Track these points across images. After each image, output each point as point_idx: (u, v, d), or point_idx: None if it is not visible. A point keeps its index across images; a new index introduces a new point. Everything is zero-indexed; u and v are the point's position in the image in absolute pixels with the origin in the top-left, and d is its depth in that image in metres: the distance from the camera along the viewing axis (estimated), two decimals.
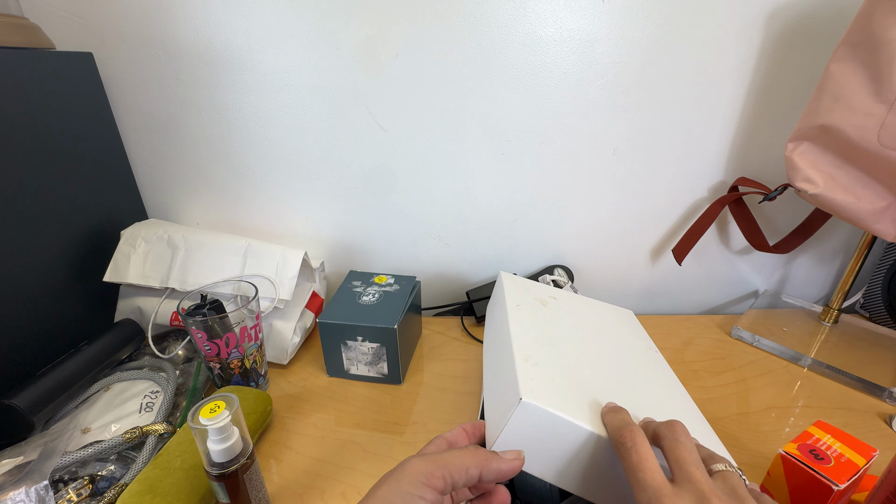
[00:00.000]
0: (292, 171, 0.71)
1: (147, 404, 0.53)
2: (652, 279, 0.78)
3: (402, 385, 0.60)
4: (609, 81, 0.63)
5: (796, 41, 0.60)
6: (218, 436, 0.36)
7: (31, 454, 0.44)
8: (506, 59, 0.62)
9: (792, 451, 0.33)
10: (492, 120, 0.66)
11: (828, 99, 0.52)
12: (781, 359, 0.65)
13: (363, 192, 0.72)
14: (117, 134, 0.68)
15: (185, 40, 0.63)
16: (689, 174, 0.70)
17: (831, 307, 0.69)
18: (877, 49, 0.47)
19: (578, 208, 0.72)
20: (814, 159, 0.56)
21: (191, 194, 0.74)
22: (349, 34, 0.61)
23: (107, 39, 0.63)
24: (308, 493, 0.45)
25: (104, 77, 0.65)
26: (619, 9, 0.59)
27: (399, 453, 0.50)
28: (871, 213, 0.53)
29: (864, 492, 0.38)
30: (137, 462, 0.45)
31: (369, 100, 0.65)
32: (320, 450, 0.50)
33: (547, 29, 0.60)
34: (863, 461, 0.33)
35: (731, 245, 0.75)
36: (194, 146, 0.70)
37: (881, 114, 0.48)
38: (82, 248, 0.61)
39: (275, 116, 0.67)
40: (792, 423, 0.54)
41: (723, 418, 0.54)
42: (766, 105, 0.64)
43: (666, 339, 0.70)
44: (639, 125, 0.66)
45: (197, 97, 0.67)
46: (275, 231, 0.76)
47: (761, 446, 0.50)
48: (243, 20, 0.61)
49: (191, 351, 0.62)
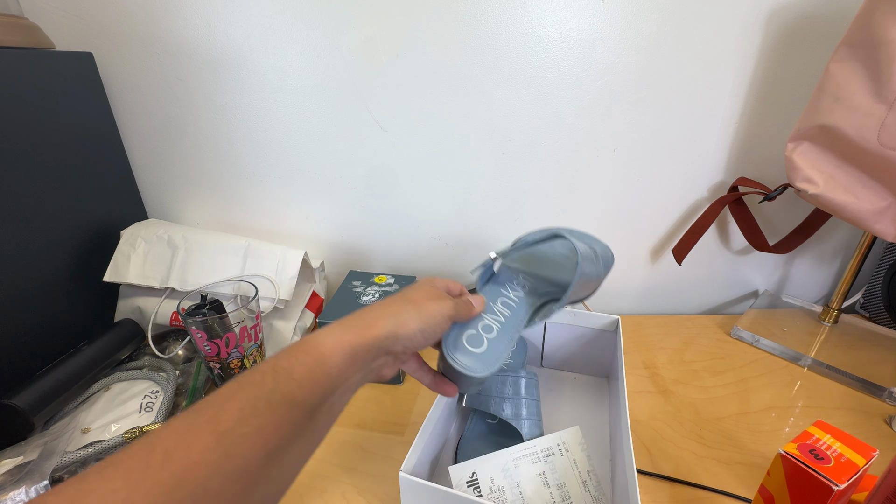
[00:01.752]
0: (292, 171, 0.71)
1: (147, 404, 0.53)
2: (652, 279, 0.78)
3: (403, 385, 0.60)
4: (609, 81, 0.63)
5: (796, 41, 0.60)
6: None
7: (31, 454, 0.44)
8: (506, 59, 0.62)
9: (792, 451, 0.33)
10: (492, 120, 0.66)
11: (828, 99, 0.52)
12: (781, 359, 0.65)
13: (363, 192, 0.72)
14: (117, 134, 0.68)
15: (185, 40, 0.63)
16: (689, 174, 0.70)
17: (831, 307, 0.69)
18: (877, 49, 0.47)
19: (578, 208, 0.72)
20: (814, 159, 0.56)
21: (191, 194, 0.74)
22: (349, 34, 0.61)
23: (107, 39, 0.63)
24: (308, 493, 0.45)
25: (104, 77, 0.65)
26: (620, 9, 0.59)
27: (399, 453, 0.50)
28: (871, 213, 0.53)
29: (864, 492, 0.38)
30: None
31: (369, 100, 0.65)
32: (320, 450, 0.50)
33: (547, 29, 0.60)
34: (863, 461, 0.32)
35: (731, 245, 0.75)
36: (194, 146, 0.70)
37: (881, 114, 0.48)
38: (82, 248, 0.61)
39: (275, 116, 0.67)
40: (792, 423, 0.54)
41: (723, 418, 0.54)
42: (766, 105, 0.64)
43: (666, 339, 0.70)
44: (639, 125, 0.66)
45: (197, 97, 0.67)
46: (275, 231, 0.76)
47: (761, 446, 0.50)
48: (243, 20, 0.61)
49: (191, 351, 0.62)
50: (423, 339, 0.34)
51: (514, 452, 0.45)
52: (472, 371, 0.37)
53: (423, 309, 0.34)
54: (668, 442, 0.51)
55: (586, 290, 0.47)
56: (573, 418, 0.54)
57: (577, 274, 0.41)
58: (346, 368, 0.29)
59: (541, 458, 0.45)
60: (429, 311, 0.35)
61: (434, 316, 0.35)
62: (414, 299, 0.35)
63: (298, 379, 0.26)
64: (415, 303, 0.35)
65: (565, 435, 0.46)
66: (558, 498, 0.42)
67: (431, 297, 0.36)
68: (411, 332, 0.33)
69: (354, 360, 0.29)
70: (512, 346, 0.41)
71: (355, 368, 0.30)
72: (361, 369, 0.31)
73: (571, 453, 0.45)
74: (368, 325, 0.31)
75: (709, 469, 0.48)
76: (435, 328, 0.35)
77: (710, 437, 0.52)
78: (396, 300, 0.35)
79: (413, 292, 0.37)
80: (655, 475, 0.47)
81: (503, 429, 0.50)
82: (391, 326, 0.32)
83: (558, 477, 0.43)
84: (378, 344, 0.31)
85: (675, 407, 0.56)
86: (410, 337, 0.33)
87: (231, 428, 0.22)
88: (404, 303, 0.34)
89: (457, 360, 0.38)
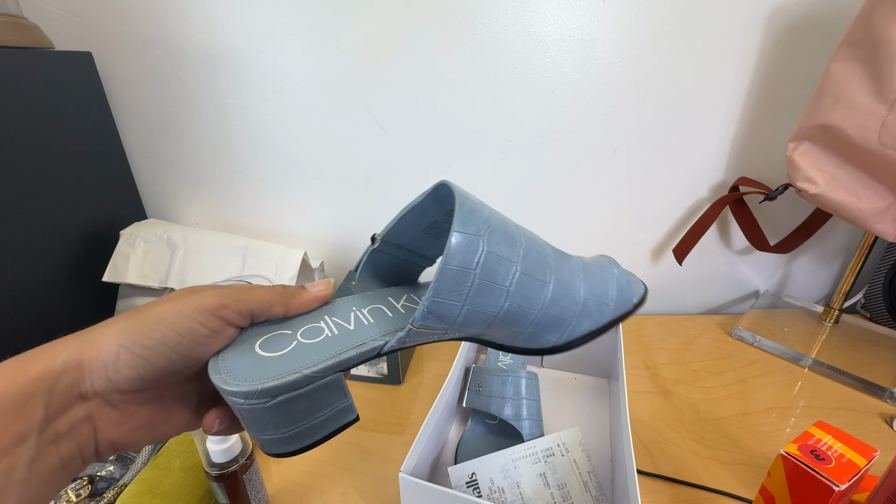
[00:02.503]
0: (292, 171, 0.71)
1: None
2: (652, 279, 0.78)
3: (402, 385, 0.60)
4: (609, 81, 0.63)
5: (797, 41, 0.60)
6: (217, 436, 0.36)
7: None
8: (506, 59, 0.62)
9: (793, 452, 0.33)
10: (492, 119, 0.66)
11: (828, 99, 0.52)
12: (782, 359, 0.65)
13: (363, 191, 0.72)
14: (116, 133, 0.68)
15: (185, 40, 0.63)
16: (690, 174, 0.69)
17: (832, 307, 0.69)
18: (877, 49, 0.47)
19: (578, 208, 0.72)
20: (814, 159, 0.56)
21: (190, 194, 0.74)
22: (349, 33, 0.61)
23: (106, 39, 0.63)
24: (308, 494, 0.45)
25: (103, 77, 0.65)
26: (620, 8, 0.59)
27: (399, 454, 0.50)
28: (872, 213, 0.53)
29: (865, 492, 0.38)
30: (137, 462, 0.45)
31: (369, 99, 0.65)
32: (320, 450, 0.50)
33: (547, 28, 0.60)
34: (863, 462, 0.32)
35: (731, 245, 0.75)
36: (193, 146, 0.70)
37: (882, 114, 0.48)
38: (81, 248, 0.61)
39: (274, 116, 0.67)
40: (793, 424, 0.54)
41: (723, 418, 0.54)
42: (767, 105, 0.64)
43: (666, 339, 0.70)
44: (639, 125, 0.66)
45: (196, 97, 0.66)
46: (274, 231, 0.76)
47: (762, 447, 0.50)
48: (243, 19, 0.61)
49: None
50: (146, 361, 0.21)
51: (514, 453, 0.44)
52: (227, 383, 0.21)
53: (159, 308, 0.21)
54: (669, 442, 0.51)
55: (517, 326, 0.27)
56: (573, 419, 0.54)
57: (448, 253, 0.23)
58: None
59: (541, 459, 0.44)
60: (165, 310, 0.21)
61: (178, 314, 0.21)
62: (174, 296, 0.22)
63: None
64: (167, 300, 0.22)
65: (565, 435, 0.46)
66: (559, 498, 0.42)
67: (202, 289, 0.23)
68: (107, 353, 0.20)
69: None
70: (328, 372, 0.23)
71: (9, 434, 0.18)
72: (19, 435, 0.18)
73: (572, 454, 0.45)
74: (32, 358, 0.20)
75: (709, 469, 0.48)
76: (174, 334, 0.21)
77: (711, 437, 0.52)
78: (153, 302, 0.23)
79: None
80: (656, 475, 0.47)
81: (503, 429, 0.50)
82: (71, 351, 0.20)
83: (559, 477, 0.43)
84: (42, 388, 0.19)
85: (675, 407, 0.56)
86: (108, 362, 0.20)
87: None
88: (149, 305, 0.22)
89: (219, 360, 0.22)
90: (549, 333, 0.29)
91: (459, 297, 0.24)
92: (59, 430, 0.19)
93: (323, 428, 0.25)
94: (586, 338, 0.30)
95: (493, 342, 0.29)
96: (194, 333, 0.21)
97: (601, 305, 0.30)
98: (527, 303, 0.26)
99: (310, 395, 0.23)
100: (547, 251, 0.29)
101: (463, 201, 0.25)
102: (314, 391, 0.23)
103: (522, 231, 0.28)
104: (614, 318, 0.30)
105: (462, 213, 0.25)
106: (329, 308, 0.29)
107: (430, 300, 0.24)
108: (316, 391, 0.23)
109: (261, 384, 0.21)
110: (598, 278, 0.31)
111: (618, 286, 0.31)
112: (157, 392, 0.23)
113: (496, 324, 0.26)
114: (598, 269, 0.32)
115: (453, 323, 0.25)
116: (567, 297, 0.28)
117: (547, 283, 0.27)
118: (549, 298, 0.27)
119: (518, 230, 0.28)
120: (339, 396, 0.25)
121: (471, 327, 0.26)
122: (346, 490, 0.46)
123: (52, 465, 0.19)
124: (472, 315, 0.25)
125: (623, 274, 0.32)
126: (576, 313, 0.29)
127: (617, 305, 0.30)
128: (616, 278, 0.31)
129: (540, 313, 0.27)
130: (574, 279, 0.29)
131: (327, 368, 0.23)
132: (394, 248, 0.33)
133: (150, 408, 0.23)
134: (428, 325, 0.25)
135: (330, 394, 0.24)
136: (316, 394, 0.23)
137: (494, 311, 0.26)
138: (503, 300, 0.26)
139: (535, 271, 0.27)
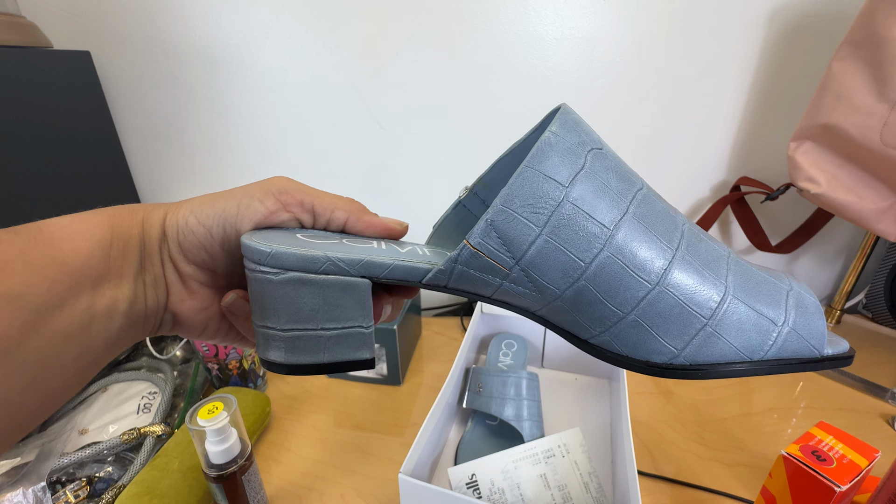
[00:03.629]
0: (292, 171, 0.71)
1: (145, 405, 0.53)
2: None
3: (402, 386, 0.60)
4: (610, 80, 0.63)
5: (798, 40, 0.59)
6: (216, 437, 0.36)
7: (29, 455, 0.43)
8: (506, 58, 0.62)
9: (794, 453, 0.33)
10: (492, 118, 0.65)
11: (830, 98, 0.52)
12: None
13: (363, 191, 0.72)
14: (115, 133, 0.68)
15: (184, 39, 0.63)
16: (691, 174, 0.69)
17: (834, 308, 0.69)
18: (879, 48, 0.47)
19: None
20: (816, 159, 0.55)
21: (188, 193, 0.73)
22: (348, 32, 0.61)
23: (105, 38, 0.63)
24: (307, 494, 0.45)
25: (102, 76, 0.64)
26: (621, 7, 0.58)
27: (398, 455, 0.50)
28: (874, 213, 0.53)
29: (867, 493, 0.38)
30: (135, 463, 0.45)
31: (369, 99, 0.65)
32: (319, 451, 0.50)
33: (547, 27, 0.60)
34: (865, 462, 0.32)
35: (733, 245, 0.75)
36: (193, 145, 0.70)
37: (884, 113, 0.48)
38: None
39: (273, 115, 0.67)
40: (794, 425, 0.53)
41: (725, 419, 0.54)
42: (768, 104, 0.63)
43: None
44: (640, 124, 0.65)
45: (195, 96, 0.66)
46: None
47: (763, 447, 0.50)
48: (242, 19, 0.61)
49: (189, 352, 0.62)
50: (206, 229, 0.22)
51: (514, 454, 0.44)
52: (250, 238, 0.20)
53: (233, 188, 0.23)
54: (670, 443, 0.51)
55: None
56: (574, 419, 0.54)
57: (536, 152, 0.18)
58: (91, 257, 0.20)
59: (541, 460, 0.44)
60: (236, 189, 0.23)
61: (244, 191, 0.23)
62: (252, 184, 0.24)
63: (14, 267, 0.17)
64: (242, 188, 0.24)
65: (566, 436, 0.46)
66: (559, 499, 0.42)
67: (277, 178, 0.24)
68: (181, 217, 0.22)
69: (105, 249, 0.20)
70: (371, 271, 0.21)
71: (112, 264, 0.20)
72: (125, 270, 0.21)
73: (572, 455, 0.45)
74: (134, 207, 0.23)
75: (710, 470, 0.48)
76: (234, 206, 0.22)
77: (712, 438, 0.52)
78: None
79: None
80: (657, 476, 0.47)
81: (504, 430, 0.50)
82: (161, 211, 0.23)
83: (559, 478, 0.43)
84: (141, 232, 0.22)
85: (676, 408, 0.56)
86: (180, 226, 0.22)
87: None
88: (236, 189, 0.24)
89: (257, 230, 0.22)
90: (664, 333, 0.19)
91: (538, 218, 0.18)
92: (146, 280, 0.22)
93: (327, 348, 0.21)
94: (726, 368, 0.20)
95: (572, 331, 0.21)
96: (250, 209, 0.22)
97: (760, 324, 0.20)
98: (636, 267, 0.18)
99: (325, 290, 0.20)
100: (679, 218, 0.21)
101: (571, 113, 0.20)
102: (330, 288, 0.20)
103: (645, 183, 0.21)
104: (783, 358, 0.20)
105: (566, 118, 0.19)
106: (390, 243, 0.25)
107: (497, 209, 0.18)
108: (333, 289, 0.20)
109: (278, 247, 0.19)
110: (762, 283, 0.21)
111: (797, 305, 0.20)
112: (215, 278, 0.24)
113: (582, 286, 0.19)
114: (764, 272, 0.23)
115: (521, 258, 0.19)
116: (706, 285, 0.19)
117: (671, 249, 0.19)
118: (673, 275, 0.19)
119: (637, 177, 0.21)
120: (357, 313, 0.21)
121: (543, 276, 0.19)
122: (346, 491, 0.45)
123: (138, 314, 0.22)
124: (550, 255, 0.18)
125: (808, 295, 0.22)
126: (714, 316, 0.19)
127: (791, 335, 0.20)
128: (796, 294, 0.21)
129: (655, 292, 0.19)
130: (719, 265, 0.20)
131: (354, 262, 0.20)
132: (482, 207, 0.27)
133: (209, 293, 0.24)
134: (487, 249, 0.19)
135: (348, 302, 0.20)
136: (332, 292, 0.20)
137: (583, 259, 0.18)
138: (600, 247, 0.18)
139: (656, 226, 0.19)
